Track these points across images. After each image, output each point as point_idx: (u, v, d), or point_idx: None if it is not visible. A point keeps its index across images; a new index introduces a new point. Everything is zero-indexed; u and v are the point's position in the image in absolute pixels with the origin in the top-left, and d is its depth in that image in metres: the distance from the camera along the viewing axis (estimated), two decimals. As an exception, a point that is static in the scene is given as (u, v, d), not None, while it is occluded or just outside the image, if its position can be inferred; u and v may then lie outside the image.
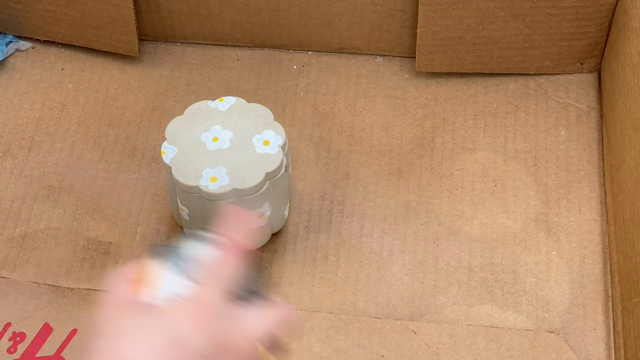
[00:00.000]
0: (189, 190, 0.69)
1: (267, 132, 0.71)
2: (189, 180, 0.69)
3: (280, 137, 0.71)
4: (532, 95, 0.85)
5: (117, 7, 0.84)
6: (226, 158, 0.69)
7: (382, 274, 0.75)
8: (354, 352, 0.70)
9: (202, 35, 0.89)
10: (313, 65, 0.88)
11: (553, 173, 0.80)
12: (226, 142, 0.70)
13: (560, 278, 0.74)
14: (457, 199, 0.79)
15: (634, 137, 0.73)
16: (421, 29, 0.83)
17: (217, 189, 0.68)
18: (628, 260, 0.71)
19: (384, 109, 0.85)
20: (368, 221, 0.78)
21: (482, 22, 0.82)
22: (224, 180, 0.68)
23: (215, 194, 0.68)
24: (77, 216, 0.78)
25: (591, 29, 0.83)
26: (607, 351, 0.71)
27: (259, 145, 0.70)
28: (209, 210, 0.69)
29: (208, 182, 0.68)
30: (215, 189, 0.68)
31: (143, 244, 0.77)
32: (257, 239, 0.73)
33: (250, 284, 0.52)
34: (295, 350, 0.70)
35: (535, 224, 0.77)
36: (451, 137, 0.83)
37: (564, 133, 0.83)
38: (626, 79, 0.77)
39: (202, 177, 0.69)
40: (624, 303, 0.70)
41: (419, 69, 0.86)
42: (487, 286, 0.74)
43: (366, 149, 0.82)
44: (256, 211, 0.70)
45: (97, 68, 0.88)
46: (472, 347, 0.71)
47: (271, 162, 0.69)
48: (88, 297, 0.73)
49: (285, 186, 0.72)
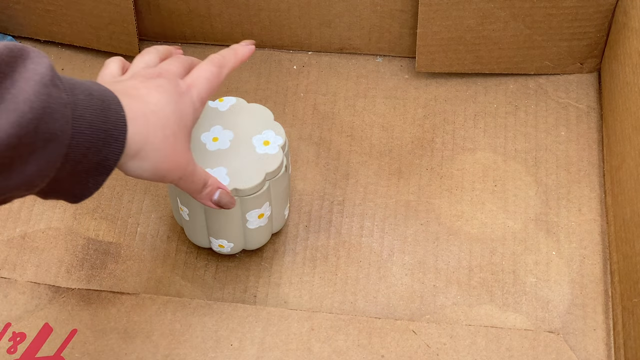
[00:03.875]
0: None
1: (267, 133, 0.71)
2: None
3: (280, 137, 0.71)
4: (532, 96, 0.85)
5: (117, 7, 0.84)
6: (226, 158, 0.69)
7: (382, 274, 0.75)
8: (354, 352, 0.70)
9: (202, 35, 0.89)
10: (313, 65, 0.88)
11: (553, 173, 0.80)
12: (226, 142, 0.70)
13: (560, 278, 0.74)
14: (457, 199, 0.79)
15: (634, 137, 0.73)
16: (421, 29, 0.83)
17: (245, 183, 0.68)
18: (628, 260, 0.71)
19: (384, 109, 0.85)
20: (368, 221, 0.78)
21: (482, 23, 0.82)
22: (224, 180, 0.68)
23: None
24: (77, 216, 0.78)
25: (591, 29, 0.83)
26: (607, 351, 0.71)
27: (259, 146, 0.70)
28: (210, 210, 0.69)
29: None
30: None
31: (143, 244, 0.77)
32: None
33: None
34: (295, 350, 0.71)
35: (535, 224, 0.77)
36: (451, 137, 0.83)
37: (564, 133, 0.83)
38: (626, 79, 0.77)
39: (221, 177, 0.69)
40: (624, 303, 0.70)
41: (419, 69, 0.86)
42: (487, 286, 0.74)
43: (366, 149, 0.82)
44: (256, 211, 0.70)
45: (97, 68, 0.88)
46: (472, 347, 0.71)
47: (271, 162, 0.69)
48: (88, 297, 0.73)
49: (285, 186, 0.72)
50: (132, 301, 0.73)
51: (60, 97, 0.51)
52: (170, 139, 0.59)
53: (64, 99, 0.52)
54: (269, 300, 0.74)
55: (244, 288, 0.75)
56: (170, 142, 0.59)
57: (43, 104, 0.50)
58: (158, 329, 0.71)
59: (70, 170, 0.53)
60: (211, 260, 0.76)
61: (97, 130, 0.53)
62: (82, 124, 0.53)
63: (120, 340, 0.71)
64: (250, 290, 0.74)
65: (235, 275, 0.75)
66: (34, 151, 0.50)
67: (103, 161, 0.55)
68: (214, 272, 0.75)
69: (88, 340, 0.71)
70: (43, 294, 0.74)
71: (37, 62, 0.51)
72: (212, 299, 0.74)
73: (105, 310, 0.72)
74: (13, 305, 0.73)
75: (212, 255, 0.76)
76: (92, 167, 0.55)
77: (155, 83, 0.61)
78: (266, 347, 0.71)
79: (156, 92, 0.60)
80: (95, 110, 0.54)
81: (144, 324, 0.72)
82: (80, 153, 0.53)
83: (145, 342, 0.71)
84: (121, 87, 0.58)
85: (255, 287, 0.75)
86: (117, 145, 0.55)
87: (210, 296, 0.74)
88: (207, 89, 0.64)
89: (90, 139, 0.53)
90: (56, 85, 0.51)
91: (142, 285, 0.75)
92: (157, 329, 0.71)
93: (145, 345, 0.71)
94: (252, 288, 0.75)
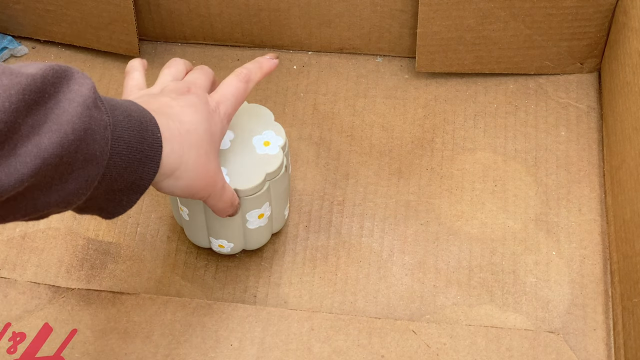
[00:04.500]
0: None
1: (268, 133, 0.71)
2: None
3: (280, 137, 0.71)
4: (532, 96, 0.85)
5: (117, 7, 0.84)
6: (226, 158, 0.69)
7: (382, 274, 0.75)
8: (354, 352, 0.70)
9: (202, 35, 0.89)
10: (313, 65, 0.88)
11: (553, 173, 0.80)
12: (226, 142, 0.70)
13: (560, 278, 0.74)
14: (457, 199, 0.79)
15: (634, 137, 0.73)
16: (421, 29, 0.83)
17: (245, 183, 0.68)
18: (628, 260, 0.71)
19: (384, 109, 0.85)
20: (368, 221, 0.78)
21: (482, 22, 0.82)
22: (244, 174, 0.68)
23: None
24: (77, 216, 0.78)
25: (591, 29, 0.83)
26: (607, 351, 0.71)
27: (259, 146, 0.70)
28: (210, 210, 0.69)
29: None
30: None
31: (143, 244, 0.77)
32: None
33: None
34: (295, 350, 0.71)
35: (535, 224, 0.77)
36: (451, 137, 0.83)
37: (564, 133, 0.83)
38: (626, 79, 0.77)
39: None
40: (624, 303, 0.70)
41: (419, 69, 0.86)
42: (487, 286, 0.74)
43: (366, 149, 0.82)
44: (256, 211, 0.70)
45: (97, 68, 0.88)
46: (472, 347, 0.71)
47: (271, 163, 0.69)
48: (88, 297, 0.73)
49: (285, 187, 0.72)
50: (132, 301, 0.73)
51: (102, 119, 0.52)
52: (203, 158, 0.60)
53: (104, 121, 0.53)
54: (269, 300, 0.74)
55: (244, 288, 0.75)
56: (203, 161, 0.60)
57: (85, 125, 0.51)
58: (158, 329, 0.71)
59: (105, 188, 0.55)
60: (211, 260, 0.76)
61: (134, 151, 0.55)
62: (120, 145, 0.54)
63: (120, 340, 0.71)
64: (250, 290, 0.74)
65: (235, 275, 0.75)
66: (73, 171, 0.51)
67: (138, 180, 0.56)
68: (214, 272, 0.75)
69: (88, 340, 0.71)
70: (43, 294, 0.74)
71: (80, 82, 0.52)
72: (212, 299, 0.74)
73: (105, 310, 0.72)
74: (13, 305, 0.73)
75: (212, 255, 0.76)
76: (127, 186, 0.56)
77: (187, 101, 0.62)
78: (266, 347, 0.71)
79: (189, 111, 0.61)
80: (133, 131, 0.55)
81: (144, 324, 0.72)
82: (116, 173, 0.54)
83: (145, 342, 0.71)
84: (156, 105, 0.59)
85: (255, 287, 0.75)
86: (152, 165, 0.56)
87: (210, 296, 0.74)
88: (233, 105, 0.65)
89: (127, 160, 0.54)
90: (98, 107, 0.52)
91: (142, 285, 0.75)
92: (157, 329, 0.71)
93: (145, 345, 0.71)
94: (252, 288, 0.75)
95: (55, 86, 0.50)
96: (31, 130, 0.49)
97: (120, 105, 0.55)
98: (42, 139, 0.49)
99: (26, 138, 0.48)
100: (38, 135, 0.49)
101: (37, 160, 0.49)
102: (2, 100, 0.47)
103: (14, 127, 0.48)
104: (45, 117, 0.49)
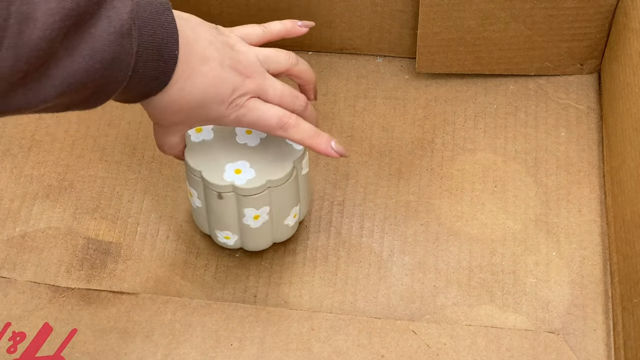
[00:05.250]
0: (216, 188, 0.69)
1: None
2: (219, 180, 0.68)
3: None
4: (532, 96, 0.85)
5: (118, 6, 0.84)
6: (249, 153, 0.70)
7: (382, 274, 0.75)
8: (354, 352, 0.70)
9: (202, 36, 0.89)
10: (313, 65, 0.88)
11: (553, 174, 0.80)
12: (256, 139, 0.70)
13: (560, 279, 0.74)
14: (457, 200, 0.79)
15: (634, 138, 0.73)
16: (422, 30, 0.83)
17: (244, 183, 0.68)
18: (628, 261, 0.71)
19: (384, 110, 0.85)
20: (368, 221, 0.78)
21: (483, 23, 0.82)
22: (249, 172, 0.68)
23: (248, 189, 0.68)
24: (77, 216, 0.78)
25: (591, 30, 0.83)
26: (607, 351, 0.71)
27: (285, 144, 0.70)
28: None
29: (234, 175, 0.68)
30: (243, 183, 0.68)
31: (143, 244, 0.77)
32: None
33: None
34: (295, 350, 0.70)
35: (535, 224, 0.77)
36: (451, 137, 0.83)
37: (564, 134, 0.83)
38: (626, 80, 0.77)
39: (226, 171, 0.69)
40: (624, 304, 0.70)
41: (419, 69, 0.86)
42: (487, 286, 0.74)
43: (366, 150, 0.82)
44: (252, 210, 0.70)
45: (97, 68, 0.88)
46: (472, 347, 0.71)
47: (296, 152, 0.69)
48: (88, 297, 0.73)
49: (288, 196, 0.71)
50: (132, 301, 0.73)
51: (130, 48, 0.54)
52: (216, 70, 0.62)
53: (132, 50, 0.55)
54: (269, 300, 0.74)
55: (244, 288, 0.75)
56: (217, 72, 0.62)
57: (114, 55, 0.53)
58: (158, 329, 0.71)
59: (117, 97, 0.58)
60: (211, 260, 0.76)
61: (150, 68, 0.57)
62: (138, 67, 0.56)
63: (120, 340, 0.71)
64: (250, 290, 0.74)
65: (235, 275, 0.75)
66: (94, 93, 0.55)
67: (148, 91, 0.59)
68: (214, 272, 0.75)
69: (88, 340, 0.71)
70: (43, 293, 0.73)
71: (120, 5, 0.53)
72: (212, 298, 0.74)
73: (105, 310, 0.72)
74: (13, 305, 0.73)
75: (212, 255, 0.76)
76: (137, 95, 0.59)
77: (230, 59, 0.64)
78: (266, 347, 0.71)
79: (215, 67, 0.62)
80: (154, 50, 0.57)
81: (143, 324, 0.72)
82: (132, 87, 0.57)
83: (145, 342, 0.71)
84: (193, 37, 0.62)
85: (255, 287, 0.75)
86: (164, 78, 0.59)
87: (210, 296, 0.74)
88: (251, 122, 0.66)
89: (142, 75, 0.57)
90: (130, 34, 0.54)
91: (142, 285, 0.75)
92: (157, 329, 0.71)
93: (145, 345, 0.71)
94: (252, 288, 0.74)
95: (96, 6, 0.52)
96: (65, 53, 0.51)
97: (149, 28, 0.57)
98: (73, 63, 0.51)
99: (60, 59, 0.51)
100: (71, 57, 0.51)
101: (64, 83, 0.51)
102: (44, 28, 0.48)
103: (51, 52, 0.49)
104: (80, 39, 0.51)
